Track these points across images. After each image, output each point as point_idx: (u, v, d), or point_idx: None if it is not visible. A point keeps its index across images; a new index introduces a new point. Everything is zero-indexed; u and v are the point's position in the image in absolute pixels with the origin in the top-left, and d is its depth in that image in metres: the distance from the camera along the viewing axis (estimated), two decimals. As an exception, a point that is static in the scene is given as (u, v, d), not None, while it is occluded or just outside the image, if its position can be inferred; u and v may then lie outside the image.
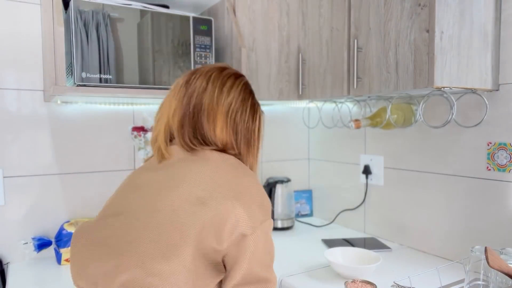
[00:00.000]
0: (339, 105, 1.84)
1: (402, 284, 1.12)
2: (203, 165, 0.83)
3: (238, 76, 0.92)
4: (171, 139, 0.91)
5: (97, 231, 0.83)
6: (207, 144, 0.87)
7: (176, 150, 0.88)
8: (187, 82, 0.89)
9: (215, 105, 0.86)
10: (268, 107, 2.00)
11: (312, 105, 1.99)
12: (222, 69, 0.91)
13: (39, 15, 1.50)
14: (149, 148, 1.64)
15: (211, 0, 1.72)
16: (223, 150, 0.89)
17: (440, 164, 1.45)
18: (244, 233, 0.77)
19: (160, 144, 0.89)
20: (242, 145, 0.90)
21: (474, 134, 1.33)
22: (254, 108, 0.92)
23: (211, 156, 0.85)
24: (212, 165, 0.83)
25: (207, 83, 0.87)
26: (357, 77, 1.27)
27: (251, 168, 0.93)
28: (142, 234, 0.76)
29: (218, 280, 0.79)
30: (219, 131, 0.87)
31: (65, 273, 1.37)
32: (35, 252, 1.44)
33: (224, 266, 0.80)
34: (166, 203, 0.78)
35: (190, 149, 0.86)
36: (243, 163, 0.90)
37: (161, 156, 0.89)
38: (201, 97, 0.86)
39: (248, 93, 0.91)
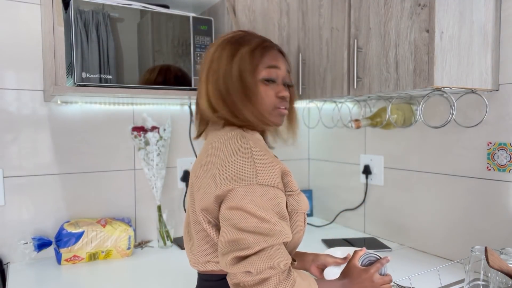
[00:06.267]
0: (339, 105, 1.84)
1: (402, 284, 1.12)
2: (200, 155, 0.91)
3: (226, 34, 0.89)
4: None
5: None
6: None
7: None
8: None
9: (203, 64, 0.88)
10: (268, 107, 1.99)
11: (312, 105, 1.99)
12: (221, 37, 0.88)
13: (39, 15, 1.50)
14: (149, 148, 1.64)
15: (211, 0, 1.72)
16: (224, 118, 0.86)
17: (440, 164, 1.45)
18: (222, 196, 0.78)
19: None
20: (234, 96, 0.81)
21: (474, 134, 1.33)
22: (232, 51, 0.81)
23: (208, 145, 0.89)
24: (202, 155, 0.88)
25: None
26: (357, 77, 1.27)
27: (255, 120, 0.84)
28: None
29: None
30: (203, 92, 0.85)
31: (65, 273, 1.37)
32: (35, 252, 1.44)
33: None
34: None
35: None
36: (240, 117, 0.83)
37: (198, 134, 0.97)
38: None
39: (232, 41, 0.83)
